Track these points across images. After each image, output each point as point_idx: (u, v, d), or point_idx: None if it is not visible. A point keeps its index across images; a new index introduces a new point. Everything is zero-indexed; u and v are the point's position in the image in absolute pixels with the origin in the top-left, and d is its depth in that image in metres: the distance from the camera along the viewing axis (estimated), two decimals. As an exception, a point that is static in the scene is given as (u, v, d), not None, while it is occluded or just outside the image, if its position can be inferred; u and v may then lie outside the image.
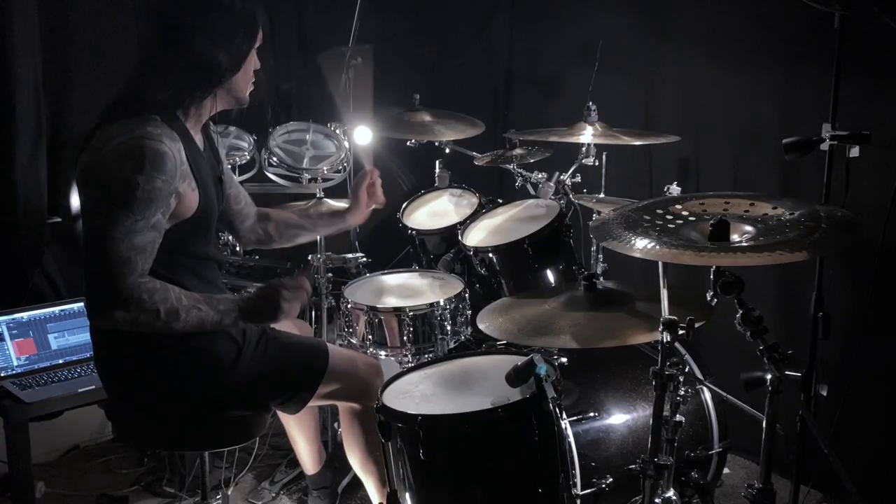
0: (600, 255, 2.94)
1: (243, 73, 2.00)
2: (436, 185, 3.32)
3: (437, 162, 3.32)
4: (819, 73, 2.26)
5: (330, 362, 2.17)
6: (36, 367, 2.75)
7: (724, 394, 2.20)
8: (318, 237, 2.97)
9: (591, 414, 2.27)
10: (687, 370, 1.90)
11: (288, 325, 2.45)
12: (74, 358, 2.81)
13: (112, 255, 1.79)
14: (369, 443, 2.30)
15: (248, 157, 3.27)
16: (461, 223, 2.96)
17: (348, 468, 2.83)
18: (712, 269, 1.69)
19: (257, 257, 3.08)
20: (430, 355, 2.60)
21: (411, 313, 2.61)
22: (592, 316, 1.99)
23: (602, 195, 2.95)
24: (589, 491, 2.17)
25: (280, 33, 4.06)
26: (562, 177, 2.93)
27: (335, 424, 3.00)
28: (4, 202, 2.97)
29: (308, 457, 2.68)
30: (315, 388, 2.15)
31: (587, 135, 2.80)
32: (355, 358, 2.34)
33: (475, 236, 2.90)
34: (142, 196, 1.79)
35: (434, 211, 3.24)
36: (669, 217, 1.81)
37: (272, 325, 2.15)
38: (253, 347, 2.06)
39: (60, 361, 2.79)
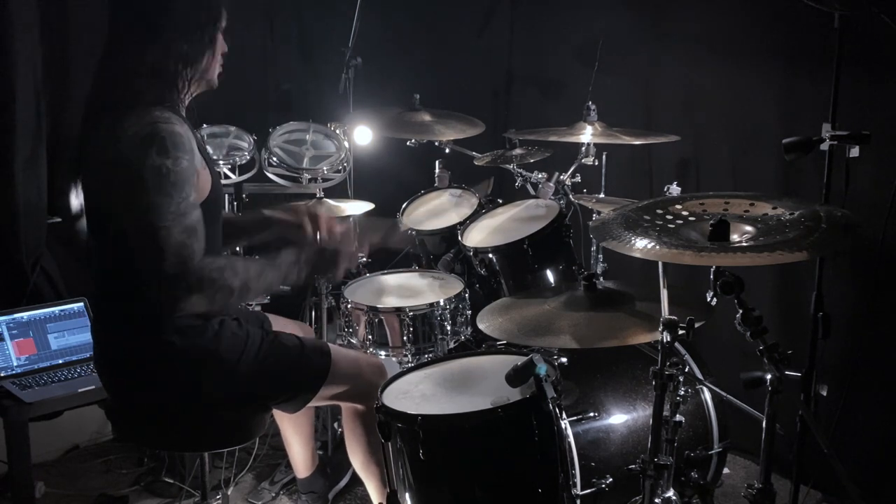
0: (600, 255, 2.94)
1: (212, 58, 1.99)
2: (436, 185, 3.32)
3: (437, 162, 3.32)
4: (819, 73, 2.27)
5: (333, 364, 2.17)
6: (36, 367, 2.75)
7: (724, 394, 2.20)
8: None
9: (591, 414, 2.27)
10: (687, 370, 1.90)
11: (291, 327, 2.46)
12: (74, 358, 2.81)
13: (170, 245, 1.78)
14: (372, 443, 2.30)
15: (248, 157, 3.27)
16: (461, 223, 2.96)
17: (341, 474, 2.84)
18: (712, 269, 1.69)
19: (257, 257, 3.08)
20: (430, 355, 2.60)
21: (411, 313, 2.61)
22: (592, 316, 1.99)
23: (602, 195, 2.95)
24: (589, 491, 2.17)
25: (280, 33, 4.06)
26: (562, 177, 2.93)
27: (335, 425, 3.00)
28: (4, 202, 2.97)
29: (301, 459, 2.69)
30: (317, 389, 2.16)
31: (587, 134, 2.80)
32: (359, 359, 2.34)
33: (475, 236, 2.90)
34: (175, 179, 1.79)
35: (434, 211, 3.24)
36: (669, 217, 1.81)
37: (274, 330, 2.19)
38: (256, 348, 2.06)
39: (60, 361, 2.80)
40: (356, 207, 3.05)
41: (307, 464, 2.71)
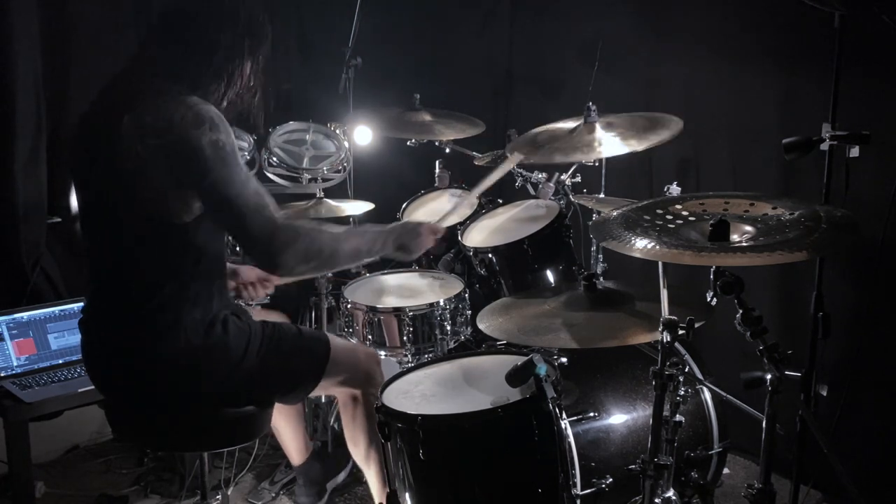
0: (600, 255, 2.94)
1: (242, 85, 2.02)
2: (436, 185, 3.32)
3: (437, 162, 3.32)
4: (819, 73, 2.26)
5: (331, 353, 2.19)
6: (36, 367, 2.75)
7: (724, 394, 2.20)
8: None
9: (591, 414, 2.27)
10: (687, 370, 1.90)
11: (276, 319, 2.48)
12: (74, 358, 2.80)
13: (249, 207, 1.85)
14: (371, 430, 2.31)
15: (248, 157, 3.27)
16: (461, 223, 2.96)
17: (340, 468, 2.85)
18: (712, 269, 1.69)
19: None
20: (430, 355, 2.60)
21: (411, 313, 2.61)
22: (592, 316, 1.99)
23: (602, 195, 2.95)
24: (589, 491, 2.17)
25: (280, 33, 4.06)
26: (562, 177, 2.93)
27: (335, 425, 3.00)
28: (4, 202, 2.97)
29: (293, 446, 2.70)
30: (318, 379, 2.17)
31: (587, 135, 2.80)
32: (356, 348, 2.36)
33: (475, 237, 2.90)
34: (231, 150, 1.87)
35: (434, 211, 3.24)
36: (669, 217, 1.81)
37: (280, 321, 2.20)
38: (258, 342, 2.06)
39: (60, 361, 2.80)
40: (356, 207, 3.05)
41: (300, 450, 2.72)
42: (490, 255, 2.75)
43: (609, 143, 2.43)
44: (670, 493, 1.90)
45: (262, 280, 2.46)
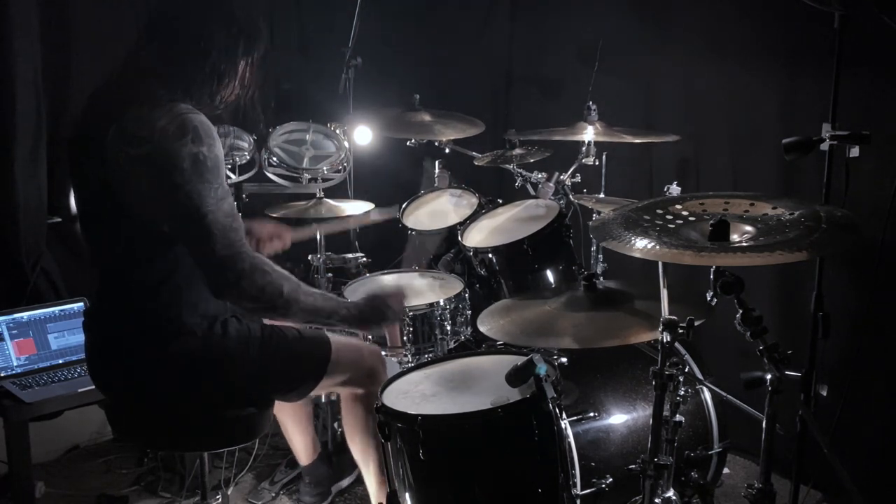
0: (600, 255, 2.94)
1: (235, 83, 2.00)
2: (436, 185, 3.32)
3: (437, 162, 3.32)
4: (819, 73, 2.26)
5: (333, 353, 2.19)
6: (36, 367, 2.75)
7: (724, 394, 2.20)
8: (319, 237, 2.99)
9: (591, 414, 2.27)
10: (687, 370, 1.90)
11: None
12: (74, 358, 2.81)
13: (218, 228, 1.80)
14: (371, 427, 2.31)
15: (248, 157, 3.27)
16: (461, 223, 2.96)
17: (346, 471, 2.85)
18: (712, 269, 1.69)
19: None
20: (430, 355, 2.60)
21: (411, 313, 2.61)
22: (592, 316, 1.99)
23: (602, 195, 2.95)
24: (589, 491, 2.17)
25: (280, 33, 4.06)
26: (562, 177, 2.93)
27: (335, 424, 3.00)
28: (4, 202, 2.97)
29: (301, 447, 2.71)
30: (319, 378, 2.17)
31: (588, 133, 2.80)
32: (359, 347, 2.36)
33: (475, 237, 2.90)
34: (211, 165, 1.81)
35: (434, 211, 3.24)
36: (669, 217, 1.81)
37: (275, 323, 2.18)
38: (258, 343, 2.06)
39: (60, 361, 2.80)
40: (356, 207, 3.05)
41: (308, 451, 2.73)
42: (490, 255, 2.75)
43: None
44: (670, 493, 1.90)
45: (274, 235, 2.47)
